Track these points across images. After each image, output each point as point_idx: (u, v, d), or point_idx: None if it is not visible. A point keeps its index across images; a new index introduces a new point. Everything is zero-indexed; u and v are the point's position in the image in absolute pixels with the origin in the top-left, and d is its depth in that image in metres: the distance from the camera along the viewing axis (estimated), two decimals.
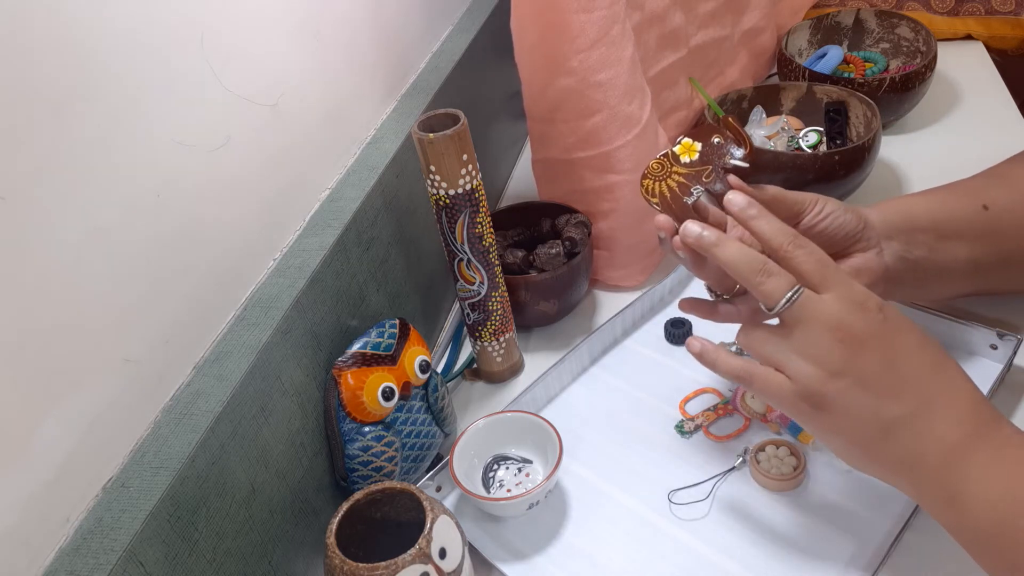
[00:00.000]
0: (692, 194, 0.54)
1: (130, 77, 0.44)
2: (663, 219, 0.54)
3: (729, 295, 0.57)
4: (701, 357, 0.53)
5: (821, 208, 0.57)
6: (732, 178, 0.54)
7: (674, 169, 0.54)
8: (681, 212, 0.53)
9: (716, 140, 0.55)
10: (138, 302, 0.45)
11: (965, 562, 0.49)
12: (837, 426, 0.48)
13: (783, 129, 0.92)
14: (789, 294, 0.47)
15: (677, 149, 0.55)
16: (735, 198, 0.52)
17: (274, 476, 0.52)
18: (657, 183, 0.54)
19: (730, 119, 0.55)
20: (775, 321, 0.50)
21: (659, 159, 0.55)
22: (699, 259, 0.55)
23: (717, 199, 0.53)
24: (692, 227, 0.51)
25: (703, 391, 0.69)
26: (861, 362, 0.46)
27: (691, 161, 0.55)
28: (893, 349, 0.47)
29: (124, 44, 0.44)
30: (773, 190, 0.55)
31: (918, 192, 0.65)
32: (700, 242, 0.51)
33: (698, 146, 0.55)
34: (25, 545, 0.39)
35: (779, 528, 0.57)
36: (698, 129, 0.56)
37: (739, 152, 0.54)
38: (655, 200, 0.54)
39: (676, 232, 0.54)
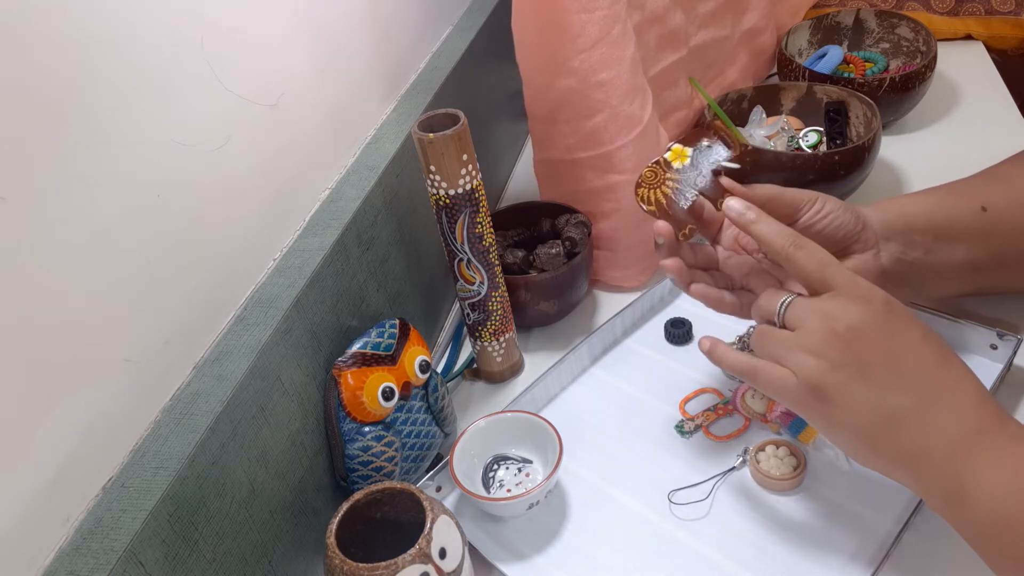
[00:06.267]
0: (688, 198, 0.54)
1: (130, 77, 0.44)
2: (662, 225, 0.55)
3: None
4: (710, 354, 0.54)
5: (820, 207, 0.57)
6: (725, 180, 0.54)
7: (667, 176, 0.55)
8: (677, 218, 0.54)
9: (706, 143, 0.55)
10: (138, 302, 0.45)
11: (965, 562, 0.49)
12: (841, 418, 0.48)
13: (783, 129, 0.91)
14: (785, 298, 0.50)
15: (668, 156, 0.56)
16: (732, 204, 0.52)
17: (274, 476, 0.52)
18: (651, 191, 0.55)
19: (716, 122, 0.56)
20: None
21: (651, 167, 0.56)
22: (686, 277, 0.56)
23: (711, 201, 0.54)
24: (735, 204, 0.52)
25: (703, 391, 0.69)
26: (861, 353, 0.47)
27: (683, 167, 0.55)
28: (895, 341, 0.47)
29: (124, 44, 0.44)
30: (769, 189, 0.55)
31: (917, 192, 0.65)
32: (741, 219, 0.52)
33: (689, 151, 0.55)
34: (25, 545, 0.39)
35: (779, 528, 0.57)
36: (687, 135, 0.56)
37: (725, 153, 0.55)
38: (651, 207, 0.54)
39: (675, 238, 0.55)
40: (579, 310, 0.80)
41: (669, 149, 0.56)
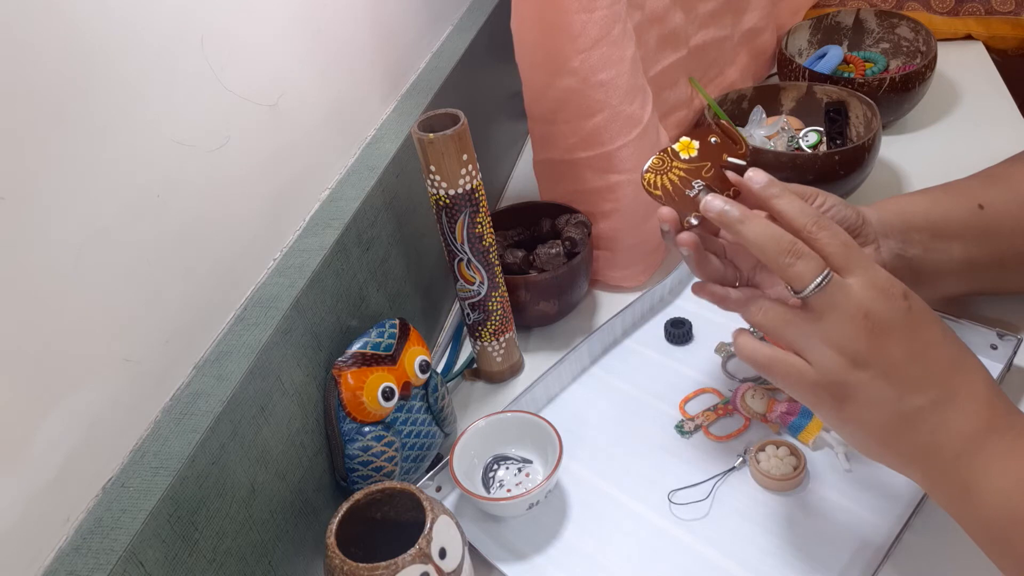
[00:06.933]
0: (693, 187, 0.54)
1: (130, 77, 0.44)
2: (666, 211, 0.54)
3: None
4: (734, 340, 0.50)
5: (823, 202, 0.57)
6: (731, 175, 0.55)
7: (674, 164, 0.55)
8: (683, 204, 0.54)
9: (713, 140, 0.55)
10: (138, 302, 0.45)
11: (965, 562, 0.49)
12: (857, 417, 0.46)
13: (783, 129, 0.91)
14: (819, 279, 0.45)
15: (677, 146, 0.56)
16: (756, 175, 0.50)
17: (274, 476, 0.52)
18: (659, 177, 0.55)
19: (724, 122, 0.56)
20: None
21: (659, 155, 0.56)
22: (701, 256, 0.55)
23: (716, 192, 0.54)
24: (715, 201, 0.49)
25: (703, 391, 0.69)
26: (886, 352, 0.45)
27: (690, 158, 0.55)
28: (918, 339, 0.46)
29: (124, 44, 0.44)
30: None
31: (915, 192, 0.65)
32: (723, 217, 0.48)
33: (696, 144, 0.56)
34: (25, 545, 0.39)
35: (779, 528, 0.57)
36: (696, 130, 0.57)
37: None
38: (657, 192, 0.55)
39: (680, 225, 0.55)
40: (579, 310, 0.80)
41: (678, 141, 0.56)
